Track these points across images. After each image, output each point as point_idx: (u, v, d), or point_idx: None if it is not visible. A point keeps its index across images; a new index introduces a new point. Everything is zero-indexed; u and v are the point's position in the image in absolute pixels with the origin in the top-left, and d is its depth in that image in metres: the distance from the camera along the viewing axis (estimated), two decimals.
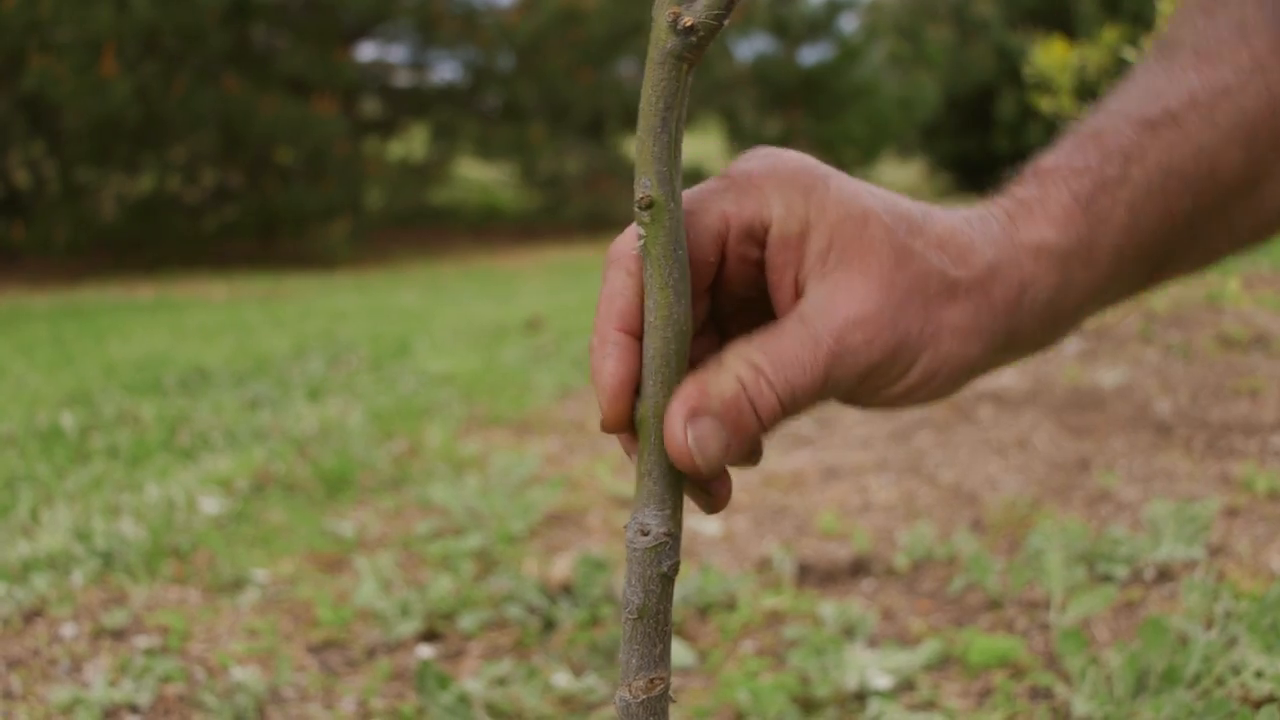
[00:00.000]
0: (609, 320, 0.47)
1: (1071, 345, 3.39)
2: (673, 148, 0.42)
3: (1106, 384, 2.90)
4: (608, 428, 0.47)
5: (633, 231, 0.46)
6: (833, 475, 2.39)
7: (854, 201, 0.47)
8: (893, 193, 0.51)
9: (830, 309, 0.46)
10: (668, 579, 0.44)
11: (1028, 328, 0.49)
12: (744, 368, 0.45)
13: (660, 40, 0.42)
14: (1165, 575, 1.62)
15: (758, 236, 0.48)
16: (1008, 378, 3.07)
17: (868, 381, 0.47)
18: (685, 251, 0.43)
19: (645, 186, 0.42)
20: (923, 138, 14.60)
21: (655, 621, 0.44)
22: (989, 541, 1.87)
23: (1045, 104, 4.15)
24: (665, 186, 0.42)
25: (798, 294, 0.48)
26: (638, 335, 0.46)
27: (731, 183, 0.48)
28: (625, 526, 0.44)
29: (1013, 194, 0.52)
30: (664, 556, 0.44)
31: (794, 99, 12.85)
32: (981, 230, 0.49)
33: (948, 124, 14.33)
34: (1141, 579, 1.62)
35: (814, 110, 13.01)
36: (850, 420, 2.88)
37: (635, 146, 0.42)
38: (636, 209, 0.43)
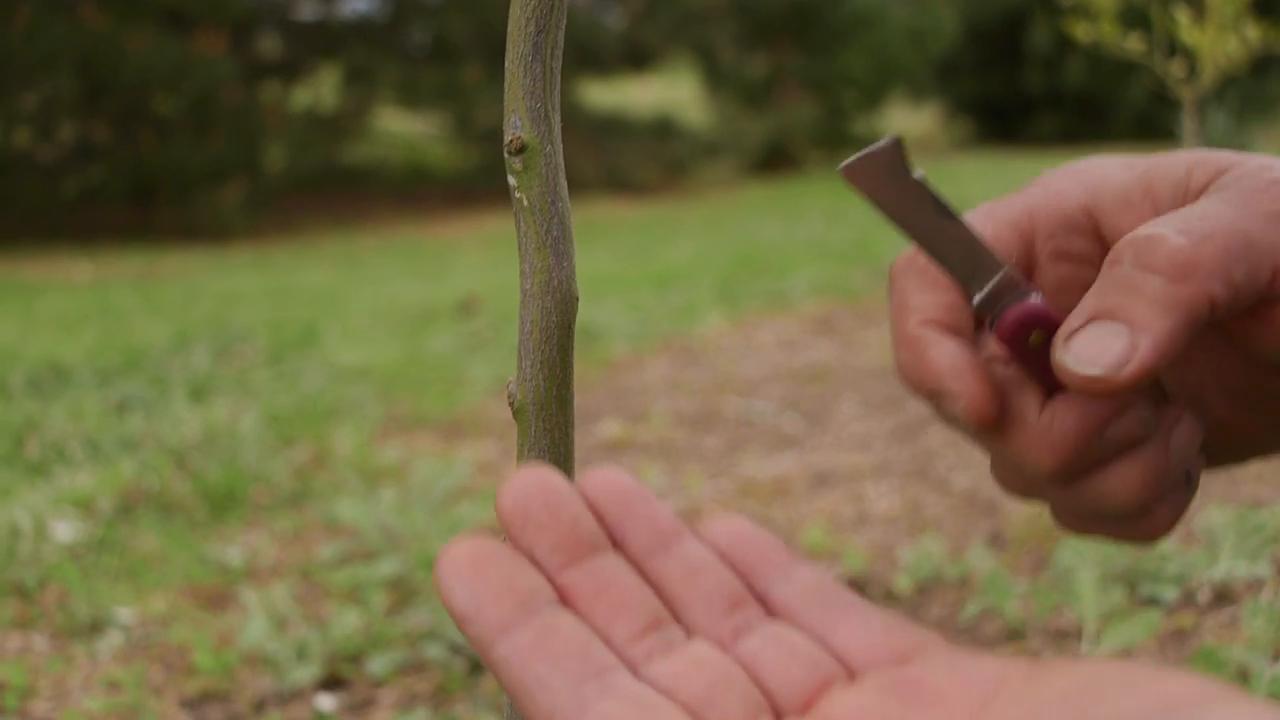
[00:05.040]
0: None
1: None
2: (548, 79, 0.42)
3: None
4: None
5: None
6: (823, 482, 2.40)
7: (1195, 154, 0.49)
8: None
9: (1216, 212, 0.45)
10: None
11: None
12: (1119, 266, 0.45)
13: None
14: (1223, 597, 1.63)
15: (1079, 223, 0.49)
16: None
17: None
18: (566, 204, 0.43)
19: (515, 127, 0.42)
20: (938, 77, 14.65)
21: None
22: (1009, 559, 1.89)
23: (1082, 32, 4.18)
24: (540, 126, 0.42)
25: None
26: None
27: (1037, 181, 0.51)
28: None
29: None
30: None
31: (782, 32, 12.85)
32: None
33: (968, 59, 14.39)
34: (1194, 602, 1.63)
35: (806, 45, 13.01)
36: (845, 416, 2.89)
37: (505, 80, 0.42)
38: (506, 153, 0.42)
